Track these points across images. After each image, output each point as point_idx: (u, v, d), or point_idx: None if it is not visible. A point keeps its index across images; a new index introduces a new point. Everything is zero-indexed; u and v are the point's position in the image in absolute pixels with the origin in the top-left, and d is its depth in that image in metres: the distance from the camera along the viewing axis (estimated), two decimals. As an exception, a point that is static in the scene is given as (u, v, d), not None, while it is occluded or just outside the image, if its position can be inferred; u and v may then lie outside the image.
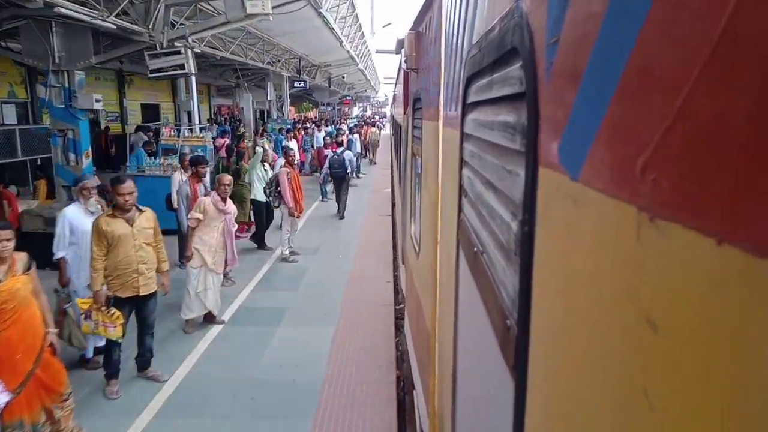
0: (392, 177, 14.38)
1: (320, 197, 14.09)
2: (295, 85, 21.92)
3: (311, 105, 41.34)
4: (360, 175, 17.62)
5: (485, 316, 1.20)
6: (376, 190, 15.88)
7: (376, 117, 51.79)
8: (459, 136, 1.67)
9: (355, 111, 63.91)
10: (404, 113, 5.02)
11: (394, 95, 12.52)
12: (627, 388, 0.50)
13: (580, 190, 0.63)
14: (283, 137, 17.67)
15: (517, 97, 0.97)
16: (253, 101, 19.99)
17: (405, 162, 5.19)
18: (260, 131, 17.46)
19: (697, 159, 0.40)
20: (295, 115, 38.39)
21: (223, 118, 27.00)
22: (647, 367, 0.47)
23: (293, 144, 15.91)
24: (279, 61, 19.78)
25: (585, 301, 0.63)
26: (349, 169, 11.87)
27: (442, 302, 2.29)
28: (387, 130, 33.50)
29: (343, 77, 34.26)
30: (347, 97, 46.02)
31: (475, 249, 1.35)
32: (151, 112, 21.47)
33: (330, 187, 13.10)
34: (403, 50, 3.79)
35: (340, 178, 11.75)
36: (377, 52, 7.81)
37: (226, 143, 15.35)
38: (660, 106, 0.45)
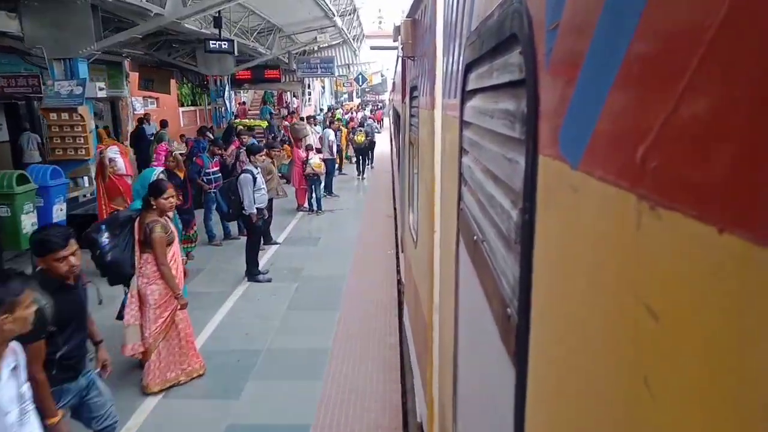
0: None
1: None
2: None
3: (195, 88, 19.37)
4: None
5: (486, 304, 1.20)
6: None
7: (349, 116, 22.08)
8: (458, 124, 1.66)
9: (321, 98, 31.17)
10: (402, 101, 5.01)
11: (393, 83, 12.32)
12: (628, 377, 0.50)
13: (580, 178, 0.62)
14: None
15: (517, 84, 0.96)
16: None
17: (404, 152, 5.18)
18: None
19: (698, 147, 0.40)
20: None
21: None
22: (648, 355, 0.47)
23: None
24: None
25: (585, 289, 0.63)
26: None
27: (441, 291, 2.30)
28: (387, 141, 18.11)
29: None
30: (266, 63, 17.87)
31: (475, 237, 1.34)
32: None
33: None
34: (399, 38, 3.75)
35: None
36: None
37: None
38: (661, 93, 0.45)
